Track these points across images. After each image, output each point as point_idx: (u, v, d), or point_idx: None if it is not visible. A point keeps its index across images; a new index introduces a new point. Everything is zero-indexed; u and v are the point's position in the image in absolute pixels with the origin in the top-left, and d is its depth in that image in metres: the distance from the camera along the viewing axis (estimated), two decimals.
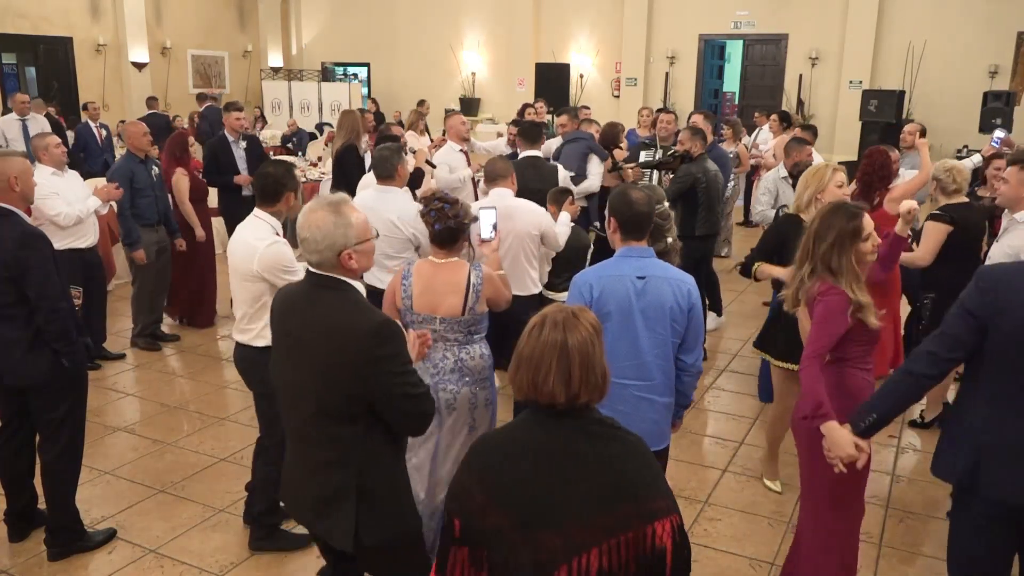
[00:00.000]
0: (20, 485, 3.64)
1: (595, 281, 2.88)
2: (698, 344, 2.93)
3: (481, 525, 1.75)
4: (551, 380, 1.73)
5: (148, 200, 5.96)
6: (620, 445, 1.78)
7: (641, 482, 1.73)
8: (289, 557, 3.61)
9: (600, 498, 1.69)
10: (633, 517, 1.69)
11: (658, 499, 1.73)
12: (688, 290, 2.85)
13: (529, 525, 1.70)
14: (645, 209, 2.88)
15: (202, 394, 5.45)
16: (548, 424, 1.77)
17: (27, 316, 3.27)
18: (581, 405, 1.76)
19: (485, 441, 1.88)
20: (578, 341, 1.74)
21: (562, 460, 1.73)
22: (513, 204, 4.34)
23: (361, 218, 2.37)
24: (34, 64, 14.94)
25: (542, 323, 1.78)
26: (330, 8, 18.45)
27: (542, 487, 1.71)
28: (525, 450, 1.76)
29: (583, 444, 1.75)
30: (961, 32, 12.80)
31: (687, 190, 5.72)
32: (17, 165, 3.33)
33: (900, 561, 3.66)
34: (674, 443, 4.72)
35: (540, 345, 1.75)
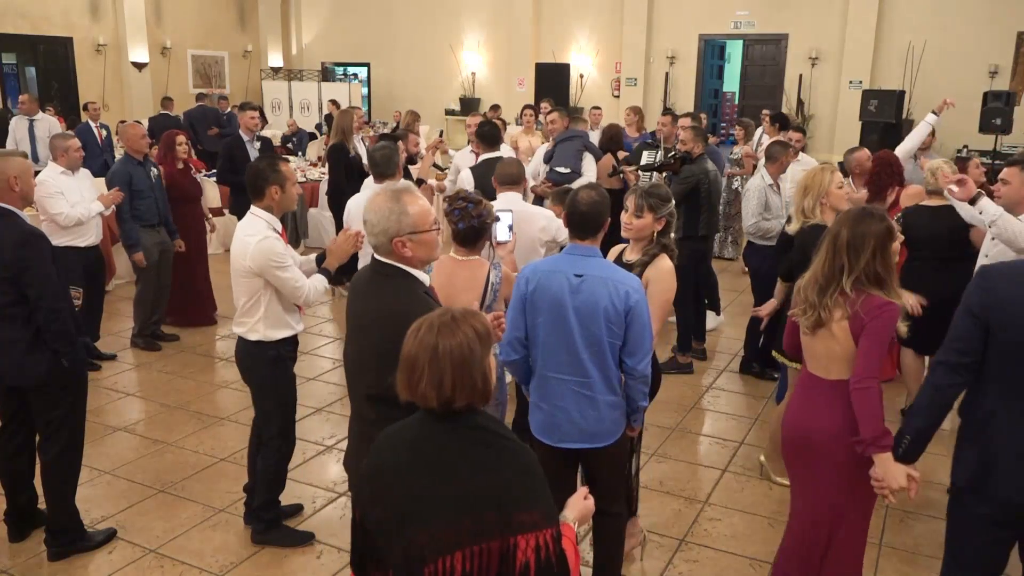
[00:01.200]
0: (20, 485, 3.64)
1: (531, 275, 2.90)
2: (641, 348, 2.84)
3: (369, 514, 1.81)
4: (423, 383, 1.73)
5: (148, 202, 5.96)
6: (495, 452, 1.76)
7: (511, 492, 1.71)
8: (289, 557, 3.61)
9: (466, 502, 1.69)
10: (494, 526, 1.67)
11: (525, 512, 1.69)
12: (626, 292, 2.78)
13: (401, 520, 1.72)
14: (585, 209, 2.87)
15: (202, 394, 5.45)
16: (428, 424, 1.79)
17: (27, 316, 3.27)
18: (459, 408, 1.75)
19: (382, 436, 1.89)
20: (452, 346, 1.72)
21: (435, 461, 1.75)
22: (526, 210, 4.38)
23: (420, 208, 2.44)
24: (34, 64, 14.94)
25: (420, 325, 1.78)
26: (330, 8, 18.44)
27: (414, 484, 1.74)
28: (406, 447, 1.79)
29: (458, 447, 1.75)
30: (961, 32, 12.79)
31: (691, 190, 5.72)
32: (17, 165, 3.33)
33: (900, 561, 3.66)
34: (674, 443, 4.75)
35: (415, 347, 1.76)
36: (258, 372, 3.53)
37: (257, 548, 3.66)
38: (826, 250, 2.69)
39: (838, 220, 2.75)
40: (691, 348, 6.04)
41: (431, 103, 16.44)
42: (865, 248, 2.60)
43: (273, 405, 3.58)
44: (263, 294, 3.41)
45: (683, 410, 5.24)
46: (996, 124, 11.01)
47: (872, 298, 2.61)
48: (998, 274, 2.41)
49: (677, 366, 5.86)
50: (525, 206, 4.40)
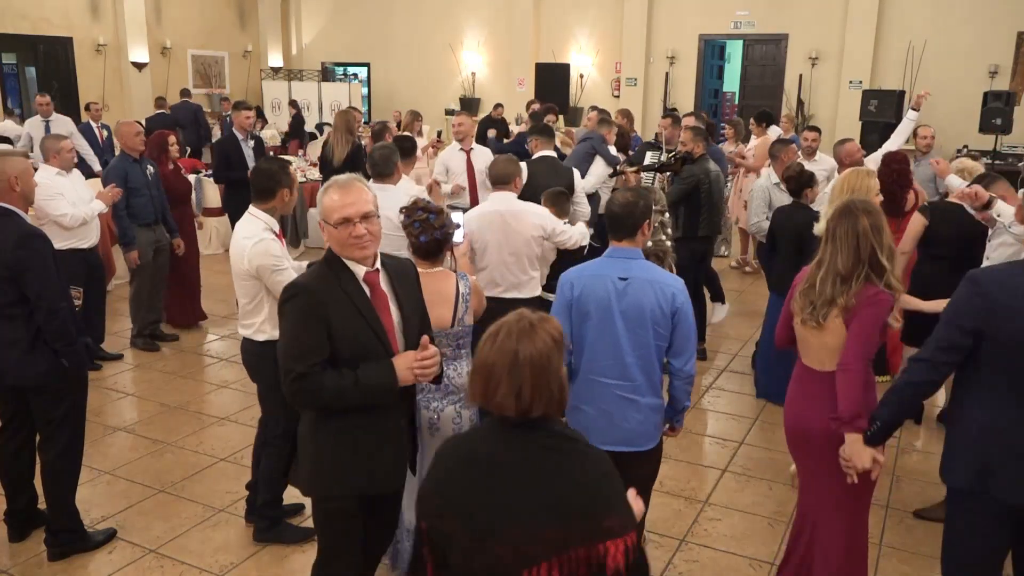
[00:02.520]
0: (20, 485, 3.65)
1: (576, 280, 2.90)
2: (687, 349, 2.88)
3: (440, 529, 1.74)
4: (500, 391, 1.68)
5: (144, 200, 5.96)
6: (577, 459, 1.73)
7: (596, 498, 1.69)
8: (289, 557, 3.61)
9: (551, 511, 1.65)
10: (585, 533, 1.65)
11: (612, 517, 1.68)
12: (673, 294, 2.80)
13: (481, 534, 1.67)
14: (616, 210, 2.88)
15: (202, 394, 5.45)
16: (504, 434, 1.74)
17: (27, 316, 3.27)
18: (536, 418, 1.71)
19: (447, 446, 1.85)
20: (532, 353, 1.68)
21: (515, 471, 1.70)
22: (517, 208, 4.31)
23: (330, 201, 2.48)
24: (34, 64, 14.93)
25: (498, 331, 1.73)
26: (330, 8, 18.44)
27: (493, 496, 1.68)
28: (480, 459, 1.74)
29: (537, 456, 1.71)
30: (961, 32, 12.79)
31: (691, 191, 5.72)
32: (18, 165, 3.34)
33: (900, 561, 3.66)
34: (674, 443, 4.74)
35: (493, 354, 1.70)
36: (266, 372, 3.53)
37: (257, 548, 3.66)
38: (844, 242, 2.70)
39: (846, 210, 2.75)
40: None
41: (431, 103, 16.42)
42: (883, 236, 2.68)
43: (279, 406, 3.58)
44: (265, 295, 3.42)
45: None
46: (996, 124, 11.01)
47: (867, 287, 2.67)
48: (990, 280, 2.40)
49: None
50: (517, 204, 4.34)
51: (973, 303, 2.37)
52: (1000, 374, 2.37)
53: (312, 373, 2.34)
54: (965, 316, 2.38)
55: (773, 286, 5.19)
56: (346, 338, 2.38)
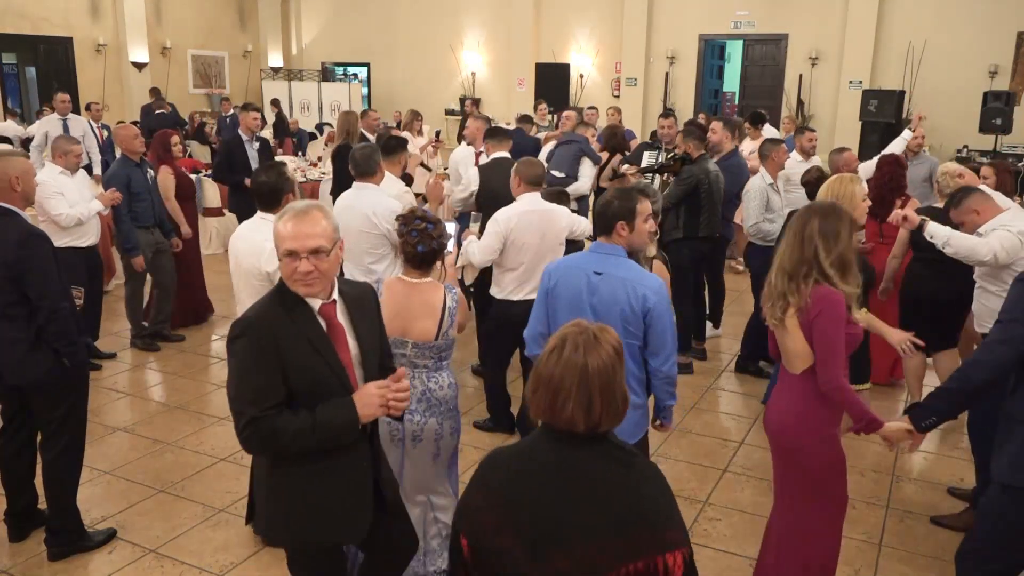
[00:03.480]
0: (21, 485, 3.65)
1: (554, 270, 2.95)
2: (664, 348, 2.86)
3: (490, 544, 1.69)
4: (570, 406, 1.64)
5: (144, 203, 5.96)
6: (638, 472, 1.72)
7: (656, 511, 1.67)
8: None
9: (613, 524, 1.63)
10: (646, 546, 1.63)
11: (672, 530, 1.67)
12: (644, 294, 2.79)
13: (539, 547, 1.64)
14: (598, 208, 2.91)
15: (202, 394, 5.46)
16: (564, 447, 1.69)
17: (28, 316, 3.27)
18: (601, 432, 1.69)
19: (498, 458, 1.80)
20: (599, 365, 1.65)
21: (577, 483, 1.66)
22: (547, 207, 4.43)
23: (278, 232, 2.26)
24: (34, 64, 14.94)
25: (563, 343, 1.68)
26: (330, 8, 18.44)
27: (555, 509, 1.65)
28: (539, 470, 1.70)
29: (599, 468, 1.68)
30: (961, 32, 12.79)
31: (690, 191, 5.71)
32: (19, 165, 3.34)
33: (900, 561, 3.66)
34: (674, 443, 4.74)
35: (560, 367, 1.65)
36: None
37: (257, 548, 3.66)
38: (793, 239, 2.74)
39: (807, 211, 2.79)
40: (691, 348, 6.04)
41: (431, 103, 16.43)
42: (844, 230, 2.69)
43: None
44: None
45: (683, 410, 5.24)
46: (996, 124, 11.02)
47: (817, 288, 2.67)
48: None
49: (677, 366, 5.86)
50: (546, 204, 4.46)
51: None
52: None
53: (266, 416, 2.16)
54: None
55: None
56: (302, 377, 2.21)
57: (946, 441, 4.84)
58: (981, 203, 3.92)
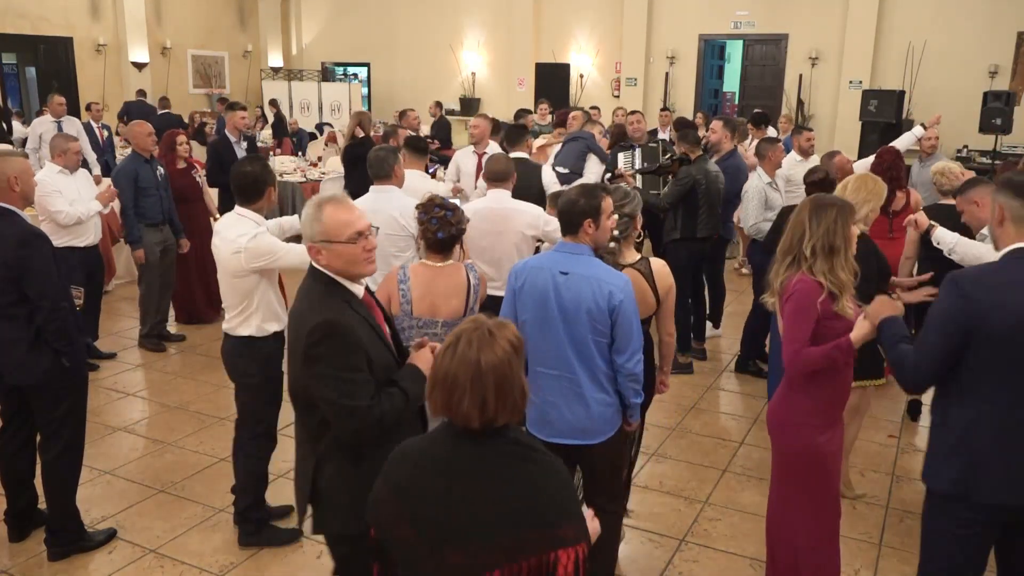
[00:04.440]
0: (21, 485, 3.65)
1: (521, 270, 2.95)
2: (629, 346, 2.87)
3: (392, 535, 1.72)
4: (465, 403, 1.65)
5: (153, 200, 5.99)
6: (534, 466, 1.71)
7: (551, 506, 1.67)
8: (289, 557, 3.61)
9: (505, 519, 1.64)
10: (537, 542, 1.63)
11: (567, 526, 1.66)
12: (610, 291, 2.80)
13: (434, 541, 1.66)
14: (563, 206, 2.91)
15: (202, 394, 5.46)
16: (463, 441, 1.71)
17: (28, 315, 3.27)
18: (498, 427, 1.70)
19: (403, 451, 1.81)
20: (493, 361, 1.65)
21: (472, 479, 1.68)
22: (511, 206, 4.37)
23: (337, 219, 2.33)
24: (34, 64, 14.93)
25: (457, 341, 1.68)
26: (330, 8, 18.44)
27: (450, 504, 1.66)
28: (438, 465, 1.71)
29: (495, 464, 1.69)
30: (961, 32, 12.79)
31: (687, 192, 5.71)
32: (17, 165, 3.34)
33: (900, 561, 3.66)
34: (673, 443, 4.75)
35: (455, 365, 1.66)
36: (252, 371, 3.55)
37: (257, 548, 3.65)
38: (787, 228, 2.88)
39: (804, 202, 2.92)
40: (691, 348, 6.04)
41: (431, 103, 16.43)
42: (826, 217, 2.76)
43: (264, 403, 3.61)
44: (256, 290, 3.45)
45: (683, 410, 5.24)
46: (996, 124, 11.01)
47: (791, 275, 2.79)
48: (972, 282, 2.38)
49: (677, 366, 5.85)
50: (511, 202, 4.40)
51: (961, 305, 2.35)
52: (988, 375, 2.35)
53: (373, 406, 2.24)
54: (953, 319, 2.36)
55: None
56: (378, 361, 2.31)
57: None
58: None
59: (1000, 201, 2.45)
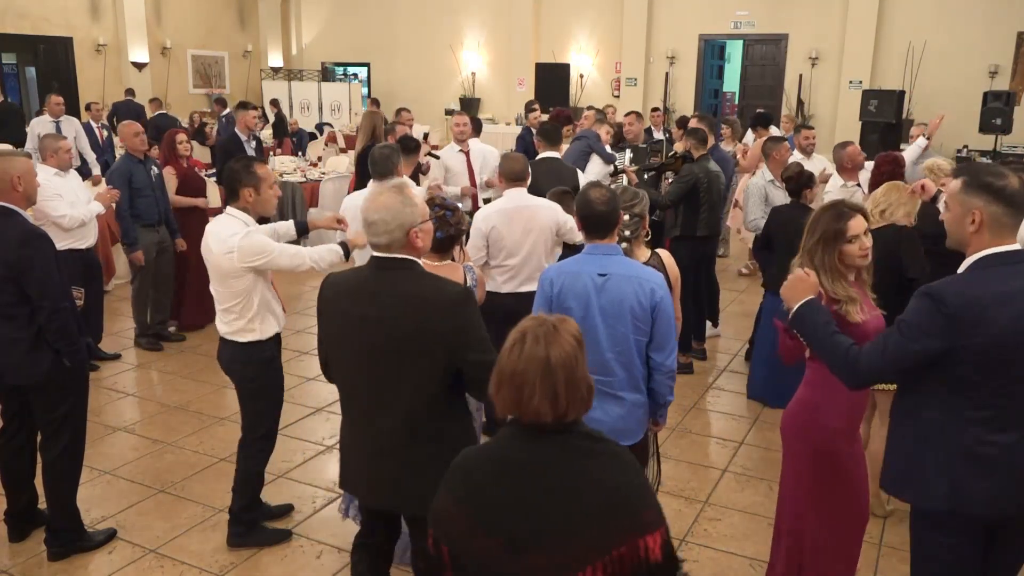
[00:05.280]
0: (21, 485, 3.64)
1: (556, 276, 2.93)
2: (668, 343, 2.89)
3: (469, 549, 1.69)
4: (536, 399, 1.65)
5: (148, 200, 5.97)
6: (608, 459, 1.71)
7: (631, 495, 1.68)
8: (289, 557, 3.61)
9: (589, 514, 1.64)
10: (624, 531, 1.64)
11: (649, 511, 1.68)
12: (652, 288, 2.82)
13: (518, 547, 1.64)
14: (602, 208, 2.88)
15: (202, 394, 5.46)
16: (533, 441, 1.70)
17: (29, 315, 3.27)
18: (568, 421, 1.70)
19: (467, 461, 1.79)
20: (561, 356, 1.67)
21: (550, 478, 1.67)
22: (533, 203, 4.43)
23: (421, 199, 2.54)
24: (34, 64, 14.93)
25: (523, 337, 1.69)
26: (330, 8, 18.44)
27: (530, 507, 1.65)
28: (510, 469, 1.70)
29: (571, 460, 1.69)
30: (961, 32, 12.79)
31: (689, 190, 5.71)
32: (20, 165, 3.34)
33: (900, 561, 3.66)
34: (674, 443, 4.74)
35: (523, 361, 1.67)
36: (254, 376, 3.52)
37: (257, 548, 3.65)
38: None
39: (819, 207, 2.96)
40: (691, 348, 6.04)
41: (431, 103, 16.44)
42: (814, 234, 2.78)
43: (267, 406, 3.60)
44: (253, 290, 3.41)
45: (683, 410, 5.24)
46: (996, 124, 11.02)
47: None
48: (952, 295, 2.24)
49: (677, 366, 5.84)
50: (532, 200, 4.45)
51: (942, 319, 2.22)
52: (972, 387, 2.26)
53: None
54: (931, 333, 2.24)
55: (769, 285, 5.19)
56: None
57: None
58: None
59: (976, 205, 2.25)
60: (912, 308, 2.30)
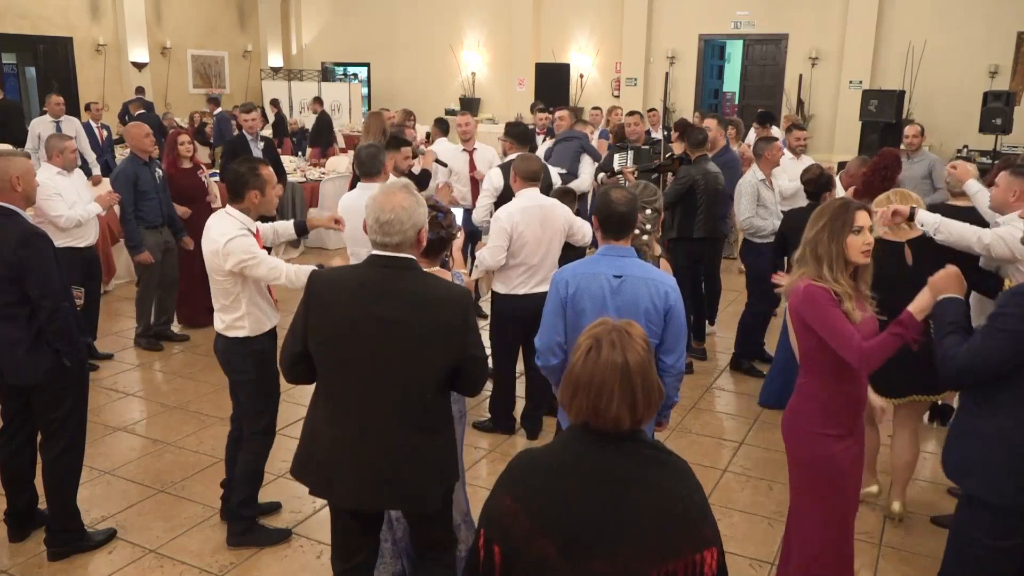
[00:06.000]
0: (21, 485, 3.64)
1: (571, 278, 2.92)
2: (679, 346, 2.90)
3: (526, 551, 1.66)
4: (614, 405, 1.63)
5: (152, 203, 5.96)
6: (672, 470, 1.70)
7: (693, 508, 1.67)
8: (289, 558, 3.61)
9: (652, 524, 1.62)
10: (684, 545, 1.62)
11: (707, 527, 1.67)
12: (666, 292, 2.83)
13: (577, 552, 1.61)
14: (623, 209, 2.88)
15: (202, 394, 5.46)
16: (599, 446, 1.68)
17: (29, 315, 3.27)
18: (633, 429, 1.68)
19: (528, 462, 1.75)
20: (638, 361, 1.65)
21: (614, 484, 1.65)
22: (547, 203, 4.47)
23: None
24: (34, 64, 14.93)
25: (598, 344, 1.67)
26: (330, 8, 18.45)
27: (593, 512, 1.63)
28: (575, 473, 1.67)
29: (636, 468, 1.67)
30: (961, 32, 12.79)
31: (686, 192, 5.71)
32: (20, 165, 3.34)
33: (900, 561, 3.66)
34: (674, 443, 4.74)
35: (600, 368, 1.64)
36: (247, 369, 3.55)
37: (257, 548, 3.65)
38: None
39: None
40: (691, 348, 6.04)
41: (431, 103, 16.43)
42: (818, 223, 2.77)
43: (262, 401, 3.62)
44: (242, 291, 3.44)
45: (683, 410, 5.24)
46: (996, 124, 11.01)
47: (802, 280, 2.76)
48: None
49: None
50: (547, 200, 4.48)
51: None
52: None
53: None
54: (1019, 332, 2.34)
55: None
56: None
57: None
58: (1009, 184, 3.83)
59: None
60: (1007, 306, 2.41)
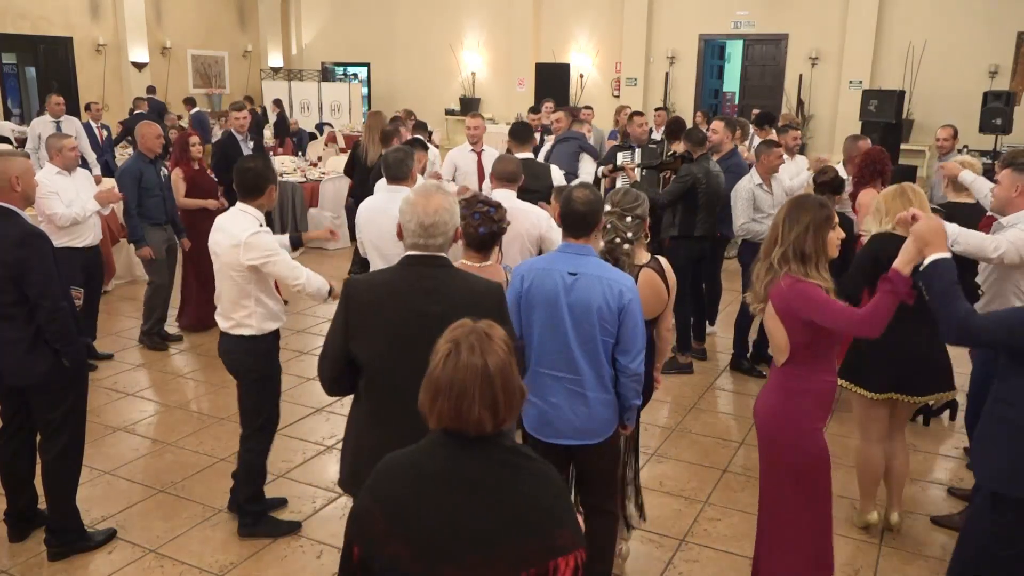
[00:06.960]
0: (21, 485, 3.64)
1: (527, 272, 2.94)
2: (635, 346, 2.87)
3: (380, 553, 1.66)
4: (476, 409, 1.61)
5: (156, 200, 6.01)
6: (528, 475, 1.67)
7: (549, 514, 1.64)
8: (289, 557, 3.61)
9: (505, 531, 1.61)
10: (537, 551, 1.60)
11: (564, 533, 1.64)
12: (620, 291, 2.81)
13: (429, 557, 1.61)
14: (582, 209, 2.87)
15: (202, 394, 5.46)
16: (457, 451, 1.66)
17: (28, 315, 3.28)
18: (493, 432, 1.66)
19: (390, 465, 1.74)
20: (498, 363, 1.63)
21: (473, 491, 1.64)
22: (517, 206, 4.36)
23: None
24: (34, 64, 14.94)
25: (457, 347, 1.64)
26: (330, 8, 18.45)
27: (446, 518, 1.62)
28: (431, 478, 1.66)
29: (492, 473, 1.65)
30: (961, 32, 12.80)
31: (688, 190, 5.71)
32: (19, 165, 3.34)
33: (900, 561, 3.66)
34: (673, 443, 4.75)
35: (460, 372, 1.62)
36: (254, 367, 3.60)
37: (258, 547, 3.66)
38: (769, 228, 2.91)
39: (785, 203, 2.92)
40: (691, 348, 6.04)
41: (431, 103, 16.45)
42: (799, 222, 2.76)
43: (267, 398, 3.67)
44: (254, 288, 3.48)
45: (683, 410, 5.24)
46: (996, 124, 11.00)
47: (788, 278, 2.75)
48: None
49: (677, 366, 5.86)
50: (518, 203, 4.39)
51: None
52: None
53: None
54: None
55: None
56: None
57: (946, 441, 4.84)
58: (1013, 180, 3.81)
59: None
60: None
